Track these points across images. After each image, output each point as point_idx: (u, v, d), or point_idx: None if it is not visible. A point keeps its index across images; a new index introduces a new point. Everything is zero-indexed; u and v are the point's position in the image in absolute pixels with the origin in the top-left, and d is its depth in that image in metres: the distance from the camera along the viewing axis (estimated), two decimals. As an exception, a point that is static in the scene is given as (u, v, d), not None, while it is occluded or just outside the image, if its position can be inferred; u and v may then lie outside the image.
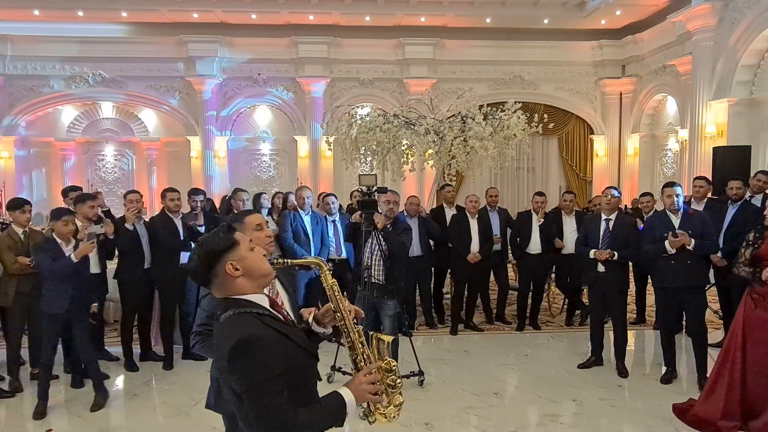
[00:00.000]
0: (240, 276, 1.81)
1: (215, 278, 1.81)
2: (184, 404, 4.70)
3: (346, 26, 13.20)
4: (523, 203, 13.49)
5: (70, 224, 4.58)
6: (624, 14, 12.72)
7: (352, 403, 1.84)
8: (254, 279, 1.85)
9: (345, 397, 1.83)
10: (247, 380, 1.68)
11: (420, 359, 5.06)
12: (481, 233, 6.66)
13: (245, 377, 1.68)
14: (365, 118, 8.02)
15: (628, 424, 4.38)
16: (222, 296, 1.84)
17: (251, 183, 13.54)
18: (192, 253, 1.84)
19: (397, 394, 2.02)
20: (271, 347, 1.71)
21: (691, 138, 10.74)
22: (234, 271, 1.80)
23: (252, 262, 1.85)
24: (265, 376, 1.68)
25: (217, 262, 1.80)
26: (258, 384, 1.67)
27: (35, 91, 13.06)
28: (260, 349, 1.69)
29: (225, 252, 1.81)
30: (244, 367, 1.68)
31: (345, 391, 1.85)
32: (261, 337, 1.71)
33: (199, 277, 1.83)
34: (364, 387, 1.88)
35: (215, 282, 1.82)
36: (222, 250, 1.81)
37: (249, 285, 1.84)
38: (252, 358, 1.68)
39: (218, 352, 1.76)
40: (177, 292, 5.59)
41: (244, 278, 1.83)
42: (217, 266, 1.80)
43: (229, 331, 1.73)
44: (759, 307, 4.01)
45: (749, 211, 5.49)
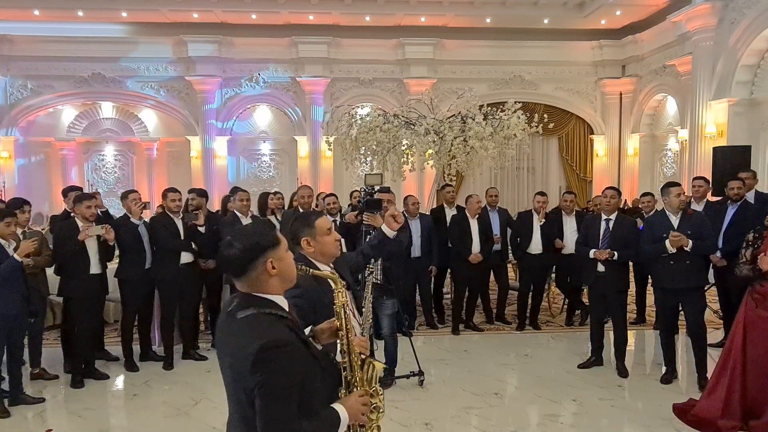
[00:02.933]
0: (275, 275, 1.81)
1: (250, 272, 1.79)
2: (184, 404, 4.69)
3: (346, 26, 13.19)
4: (523, 203, 13.49)
5: (12, 225, 4.58)
6: (624, 14, 12.72)
7: (346, 422, 1.87)
8: (284, 281, 1.86)
9: (341, 414, 1.86)
10: (270, 385, 1.66)
11: (420, 359, 5.06)
12: (482, 233, 6.65)
13: (267, 383, 1.66)
14: (365, 118, 8.02)
15: (628, 424, 4.38)
16: (247, 291, 1.82)
17: (251, 183, 13.53)
18: (231, 241, 1.81)
19: (376, 422, 2.06)
20: (295, 354, 1.72)
21: (691, 138, 10.74)
22: (271, 269, 1.79)
23: (288, 265, 1.86)
24: (288, 382, 1.68)
25: (259, 257, 1.78)
26: (279, 390, 1.67)
27: (35, 91, 13.06)
28: (287, 355, 1.68)
29: (269, 249, 1.80)
30: (269, 372, 1.66)
31: (341, 408, 1.87)
32: (289, 342, 1.71)
33: (236, 267, 1.80)
34: (358, 408, 1.91)
35: (248, 275, 1.79)
36: (267, 246, 1.80)
37: (278, 286, 1.84)
38: (277, 364, 1.66)
39: (239, 350, 1.71)
40: (177, 292, 5.59)
41: (277, 278, 1.82)
42: (258, 261, 1.78)
43: (254, 332, 1.70)
44: (760, 307, 4.01)
45: (749, 211, 5.49)
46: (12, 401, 4.60)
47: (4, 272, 4.38)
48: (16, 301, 4.48)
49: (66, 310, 5.37)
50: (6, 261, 4.39)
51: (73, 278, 5.04)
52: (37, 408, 4.63)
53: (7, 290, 4.42)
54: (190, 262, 5.63)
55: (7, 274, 4.39)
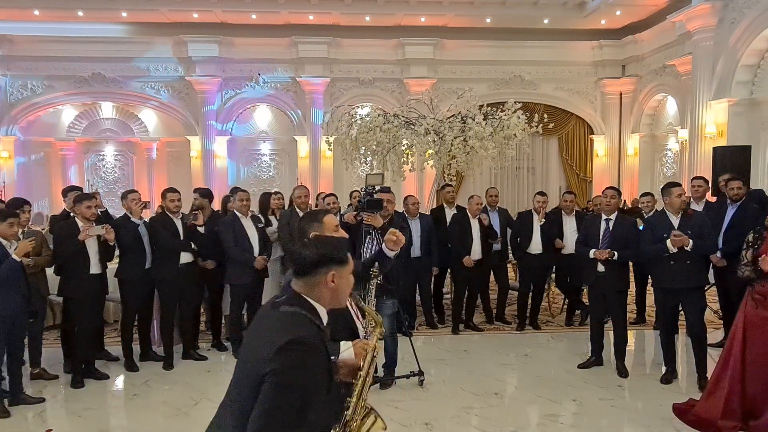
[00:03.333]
0: (330, 289, 1.93)
1: (313, 276, 1.92)
2: (184, 404, 4.69)
3: (346, 26, 13.20)
4: (523, 203, 13.49)
5: (14, 226, 4.58)
6: (624, 14, 12.72)
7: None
8: (335, 298, 1.97)
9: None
10: (280, 376, 1.73)
11: (420, 359, 5.06)
12: (482, 234, 6.65)
13: (281, 373, 1.73)
14: (365, 118, 8.02)
15: (628, 424, 4.38)
16: (299, 292, 1.92)
17: (251, 183, 13.54)
18: (310, 244, 1.96)
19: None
20: (316, 359, 1.81)
21: (691, 138, 10.74)
22: (330, 283, 1.92)
23: (344, 286, 1.99)
24: (297, 381, 1.75)
25: (326, 266, 1.91)
26: (286, 385, 1.73)
27: (35, 91, 13.06)
28: (307, 355, 1.77)
29: (338, 264, 1.94)
30: (286, 364, 1.73)
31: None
32: (314, 345, 1.80)
33: (304, 266, 1.92)
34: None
35: (309, 278, 1.92)
36: (338, 261, 1.95)
37: (328, 299, 1.95)
38: (297, 359, 1.75)
39: (269, 337, 1.80)
40: (177, 292, 5.59)
41: (331, 293, 1.94)
42: (323, 269, 1.91)
43: (288, 324, 1.82)
44: (760, 307, 4.01)
45: (749, 211, 5.49)
46: (12, 401, 4.60)
47: (4, 273, 4.38)
48: (16, 301, 4.48)
49: (66, 310, 5.37)
50: (5, 262, 4.39)
51: (73, 278, 5.04)
52: (37, 408, 4.63)
53: (7, 290, 4.42)
54: (189, 262, 5.63)
55: (7, 274, 4.39)
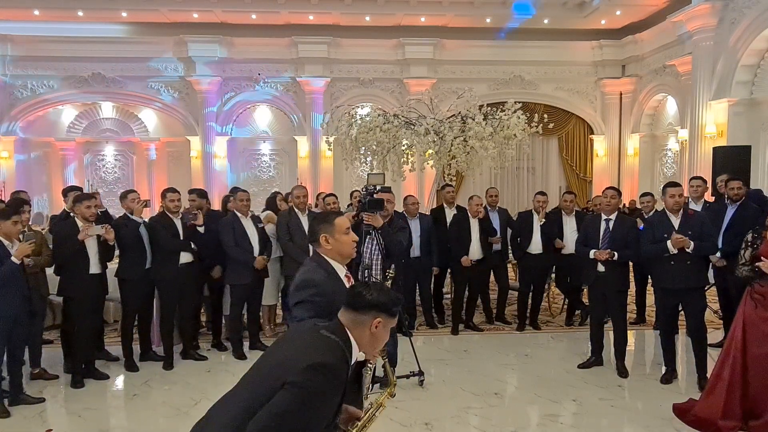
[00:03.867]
0: (371, 335, 2.01)
1: (362, 314, 1.99)
2: (184, 404, 4.69)
3: (346, 26, 13.20)
4: (523, 203, 13.50)
5: (18, 224, 4.57)
6: (624, 14, 12.73)
7: None
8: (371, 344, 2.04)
9: None
10: (301, 391, 1.79)
11: (420, 359, 5.06)
12: (482, 234, 6.64)
13: (303, 388, 1.79)
14: (365, 118, 8.02)
15: (628, 424, 4.38)
16: (345, 323, 2.00)
17: (251, 183, 13.55)
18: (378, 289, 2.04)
19: None
20: (335, 391, 1.89)
21: (691, 138, 10.75)
22: (374, 329, 2.00)
23: (382, 336, 2.04)
24: (315, 401, 1.82)
25: (377, 312, 2.00)
26: (302, 402, 1.78)
27: (35, 91, 13.07)
28: (331, 383, 1.85)
29: (388, 315, 2.02)
30: (310, 382, 1.79)
31: None
32: (339, 377, 1.87)
33: (361, 302, 2.00)
34: None
35: (359, 317, 1.99)
36: (390, 313, 2.03)
37: (365, 343, 2.02)
38: (323, 382, 1.82)
39: (305, 351, 1.88)
40: (177, 293, 5.58)
41: (371, 338, 2.01)
42: (374, 312, 2.00)
43: (327, 351, 1.88)
44: (759, 307, 4.01)
45: (748, 211, 5.49)
46: (12, 401, 4.60)
47: (4, 274, 4.38)
48: (16, 302, 4.48)
49: (66, 310, 5.37)
50: (5, 263, 4.39)
51: (73, 278, 5.04)
52: (37, 408, 4.63)
53: (7, 291, 4.42)
54: (189, 262, 5.63)
55: (7, 275, 4.39)
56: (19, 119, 13.16)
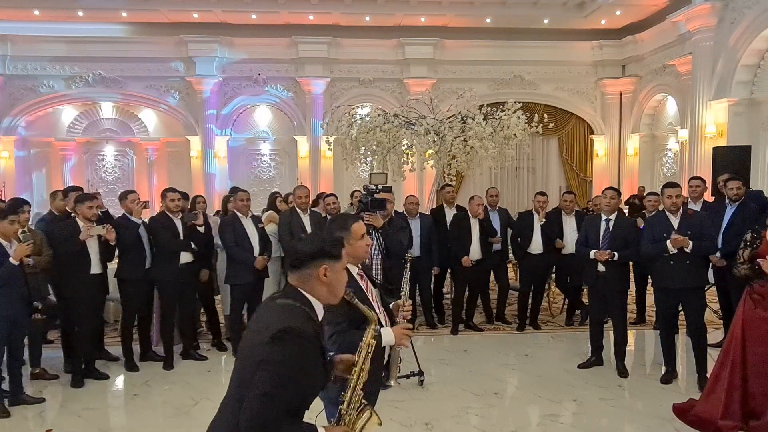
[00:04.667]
0: (324, 283, 2.00)
1: (306, 269, 1.99)
2: (184, 404, 4.69)
3: (346, 26, 13.20)
4: (523, 203, 13.49)
5: (15, 224, 4.58)
6: (624, 14, 12.72)
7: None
8: (329, 292, 2.04)
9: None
10: (274, 364, 1.78)
11: (420, 359, 5.06)
12: (483, 234, 6.64)
13: (274, 361, 1.78)
14: (365, 118, 8.02)
15: (628, 424, 4.38)
16: (296, 285, 2.00)
17: (251, 183, 13.54)
18: (306, 239, 2.06)
19: None
20: (309, 351, 1.86)
21: (691, 138, 10.74)
22: (322, 276, 1.99)
23: (337, 280, 2.05)
24: (290, 369, 1.79)
25: (318, 260, 1.99)
26: (279, 372, 1.78)
27: (35, 91, 13.06)
28: (300, 346, 1.83)
29: (330, 258, 2.02)
30: (279, 352, 1.79)
31: None
32: (307, 336, 1.86)
33: (297, 259, 2.01)
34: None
35: (303, 271, 2.00)
36: (329, 255, 2.02)
37: (322, 293, 2.02)
38: (290, 348, 1.80)
39: (263, 325, 1.88)
40: (177, 292, 5.59)
41: (324, 287, 2.02)
42: (316, 262, 1.99)
43: (284, 315, 1.89)
44: (759, 307, 4.01)
45: (748, 211, 5.49)
46: (12, 401, 4.60)
47: (2, 275, 4.38)
48: (16, 302, 4.48)
49: (66, 310, 5.37)
50: (4, 265, 4.39)
51: (74, 278, 5.04)
52: (37, 408, 4.63)
53: (7, 291, 4.42)
54: (189, 262, 5.63)
55: (6, 276, 4.39)
56: (19, 119, 13.15)
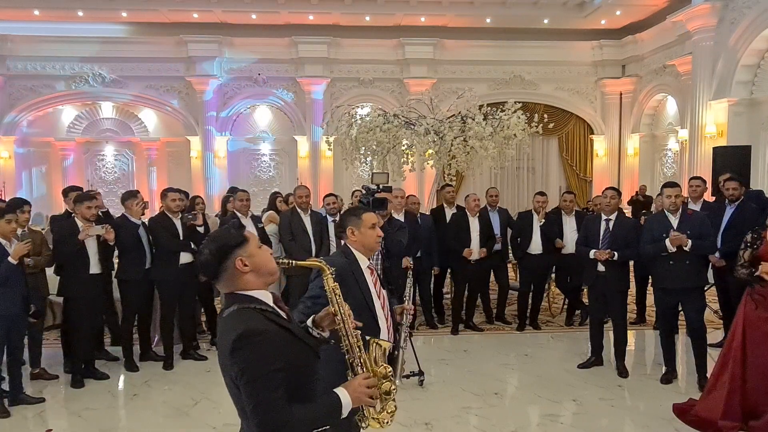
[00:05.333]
0: (248, 272, 1.87)
1: (224, 272, 1.86)
2: (184, 404, 4.69)
3: (346, 26, 13.20)
4: (523, 203, 13.49)
5: (13, 223, 4.57)
6: (624, 14, 12.73)
7: (348, 405, 1.87)
8: (261, 276, 1.91)
9: (342, 398, 1.86)
10: (247, 373, 1.72)
11: (420, 359, 5.06)
12: (482, 233, 6.64)
13: (245, 370, 1.72)
14: (365, 118, 8.02)
15: (628, 424, 4.38)
16: (228, 291, 1.89)
17: (251, 183, 13.54)
18: (203, 247, 1.89)
19: (390, 401, 2.05)
20: (272, 342, 1.76)
21: (691, 138, 10.74)
22: (243, 267, 1.86)
23: (260, 260, 1.91)
24: (264, 369, 1.72)
25: (227, 257, 1.85)
26: (256, 377, 1.72)
27: (35, 91, 13.06)
28: (261, 343, 1.74)
29: (236, 247, 1.86)
30: (244, 360, 1.72)
31: (342, 392, 1.87)
32: (262, 331, 1.76)
33: (210, 270, 1.88)
34: (361, 390, 1.90)
35: (224, 276, 1.87)
36: (234, 246, 1.87)
37: (255, 281, 1.89)
38: (252, 351, 1.72)
39: (221, 344, 1.82)
40: (177, 293, 5.58)
41: (252, 274, 1.88)
42: (227, 261, 1.85)
43: (232, 325, 1.78)
44: (760, 308, 4.01)
45: (747, 211, 5.49)
46: (12, 401, 4.60)
47: (1, 275, 4.38)
48: (16, 301, 4.48)
49: (66, 310, 5.37)
50: (2, 264, 4.39)
51: (73, 278, 5.04)
52: (37, 408, 4.63)
53: (6, 290, 4.42)
54: (189, 262, 5.63)
55: (5, 276, 4.39)
56: (19, 119, 13.16)
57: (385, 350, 2.10)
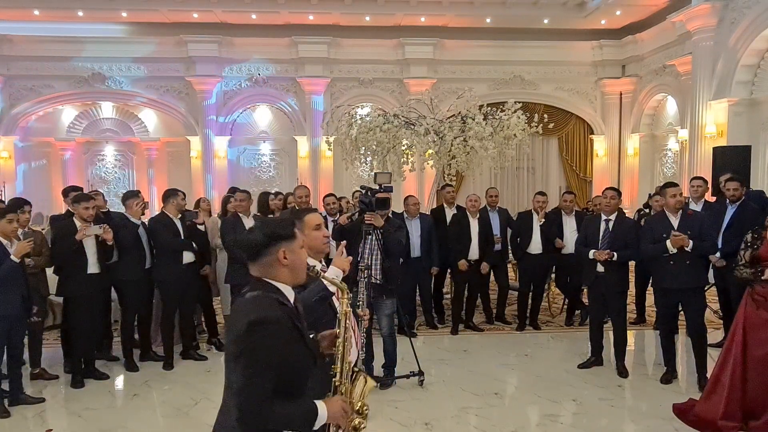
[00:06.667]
0: (286, 265, 1.99)
1: (265, 257, 1.97)
2: (184, 404, 4.69)
3: (346, 26, 13.19)
4: (523, 203, 13.48)
5: (14, 223, 4.57)
6: (624, 14, 12.71)
7: (323, 419, 1.95)
8: (294, 274, 2.03)
9: (320, 409, 1.94)
10: (248, 356, 1.81)
11: (420, 359, 5.06)
12: (482, 233, 6.65)
13: (248, 352, 1.81)
14: (365, 118, 8.02)
15: (628, 424, 4.38)
16: (259, 276, 1.99)
17: (251, 183, 13.52)
18: (254, 228, 2.02)
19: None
20: (281, 335, 1.86)
21: (691, 138, 10.73)
22: (283, 259, 1.98)
23: (300, 260, 2.05)
24: (264, 359, 1.81)
25: (274, 245, 1.97)
26: (254, 363, 1.80)
27: (35, 91, 13.04)
28: (272, 333, 1.83)
29: (285, 240, 1.99)
30: (252, 343, 1.81)
31: (321, 405, 1.96)
32: (277, 321, 1.86)
33: (253, 250, 1.98)
34: (340, 411, 2.00)
35: (262, 261, 1.97)
36: (284, 237, 1.99)
37: (287, 276, 2.01)
38: (262, 337, 1.82)
39: (236, 321, 1.89)
40: (179, 293, 5.59)
41: (288, 269, 2.00)
42: (272, 248, 1.97)
43: (253, 307, 1.89)
44: (761, 308, 4.01)
45: (748, 211, 5.49)
46: (12, 401, 4.60)
47: (3, 274, 4.38)
48: (16, 301, 4.48)
49: (65, 309, 5.37)
50: (4, 263, 4.39)
51: (71, 278, 5.04)
52: (37, 408, 4.64)
53: (7, 290, 4.42)
54: (191, 262, 5.63)
55: (6, 275, 4.39)
56: (19, 119, 13.15)
57: (371, 388, 2.16)
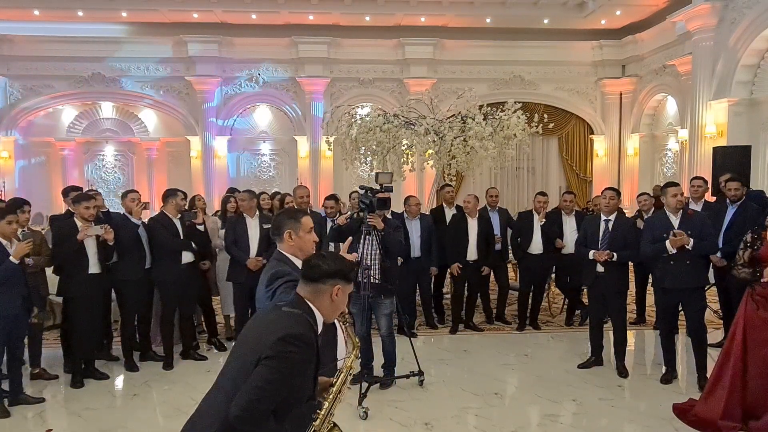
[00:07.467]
0: (332, 301, 2.12)
1: (320, 284, 2.09)
2: (184, 404, 4.69)
3: (346, 26, 13.19)
4: (523, 203, 13.49)
5: (14, 224, 4.57)
6: (624, 14, 12.71)
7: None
8: (332, 310, 2.17)
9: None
10: (281, 363, 1.89)
11: (420, 359, 5.06)
12: (481, 234, 6.64)
13: (282, 359, 1.89)
14: (365, 118, 8.02)
15: (628, 424, 4.38)
16: (304, 295, 2.10)
17: (251, 183, 13.51)
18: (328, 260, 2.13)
19: None
20: (310, 357, 1.99)
21: (691, 138, 10.73)
22: (335, 296, 2.12)
23: (342, 302, 2.17)
24: (287, 372, 1.90)
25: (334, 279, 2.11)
26: (281, 371, 1.87)
27: (35, 91, 13.05)
28: (305, 351, 1.95)
29: (345, 281, 2.14)
30: (284, 353, 1.90)
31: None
32: (309, 345, 1.97)
33: (317, 274, 2.10)
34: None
35: (317, 286, 2.10)
36: (347, 279, 2.15)
37: (327, 310, 2.14)
38: (296, 352, 1.92)
39: (273, 327, 1.97)
40: (179, 293, 5.59)
41: (333, 306, 2.14)
42: (331, 281, 2.11)
43: (295, 322, 1.98)
44: (761, 308, 4.01)
45: (749, 211, 5.49)
46: (12, 401, 4.60)
47: (2, 275, 4.38)
48: (16, 302, 4.48)
49: (66, 309, 5.37)
50: (4, 263, 4.39)
51: (72, 278, 5.04)
52: (37, 408, 4.64)
53: (7, 290, 4.42)
54: (191, 262, 5.63)
55: (6, 275, 4.39)
56: (19, 119, 13.15)
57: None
